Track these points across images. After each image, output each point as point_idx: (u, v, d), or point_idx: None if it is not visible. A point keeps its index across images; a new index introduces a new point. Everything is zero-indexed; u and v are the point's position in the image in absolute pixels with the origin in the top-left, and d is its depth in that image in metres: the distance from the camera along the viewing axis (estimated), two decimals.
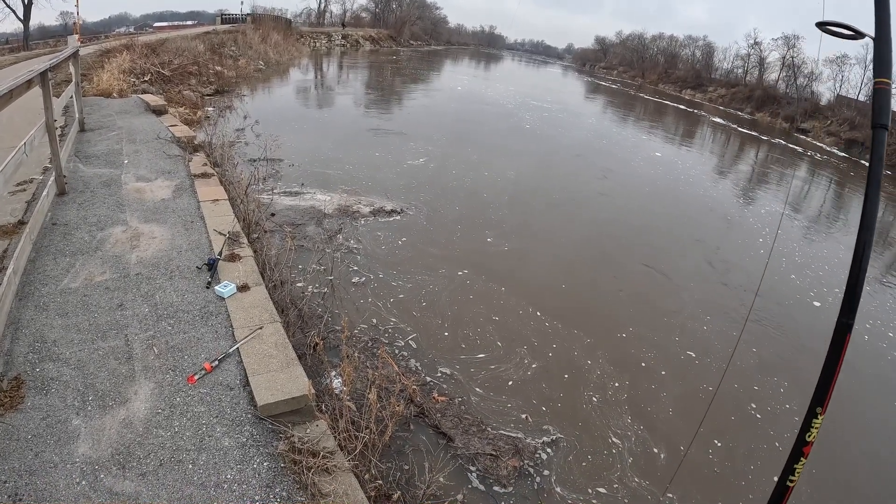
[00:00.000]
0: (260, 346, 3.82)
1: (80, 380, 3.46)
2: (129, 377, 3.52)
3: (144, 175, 7.24)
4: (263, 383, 3.45)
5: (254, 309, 4.29)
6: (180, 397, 3.39)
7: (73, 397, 3.32)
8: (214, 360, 3.63)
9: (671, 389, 5.52)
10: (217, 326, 4.09)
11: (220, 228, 5.66)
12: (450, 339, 5.80)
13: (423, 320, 6.05)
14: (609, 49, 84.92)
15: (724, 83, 53.54)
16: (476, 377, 5.25)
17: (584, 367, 5.69)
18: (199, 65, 19.55)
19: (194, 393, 3.43)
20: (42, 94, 5.89)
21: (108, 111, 10.86)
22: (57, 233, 5.38)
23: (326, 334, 5.14)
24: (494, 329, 6.09)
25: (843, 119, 33.75)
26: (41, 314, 4.07)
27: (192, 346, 3.85)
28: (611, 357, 5.90)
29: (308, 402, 3.40)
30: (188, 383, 3.48)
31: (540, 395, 5.17)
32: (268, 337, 3.92)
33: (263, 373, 3.55)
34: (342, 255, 7.24)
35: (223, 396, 3.42)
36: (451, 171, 12.35)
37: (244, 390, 3.47)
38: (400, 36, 74.84)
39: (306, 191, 9.42)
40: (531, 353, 5.78)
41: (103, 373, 3.53)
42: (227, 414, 3.30)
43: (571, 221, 10.42)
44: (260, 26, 37.19)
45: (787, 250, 10.40)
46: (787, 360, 6.43)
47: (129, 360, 3.66)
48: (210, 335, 3.98)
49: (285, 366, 3.63)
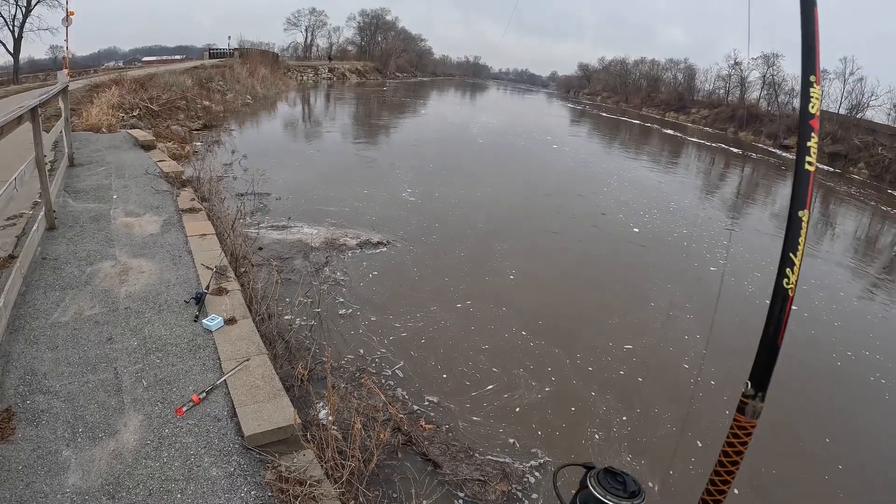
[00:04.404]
0: (247, 378, 3.92)
1: (70, 412, 3.54)
2: (118, 409, 3.60)
3: (133, 210, 7.36)
4: (251, 414, 3.54)
5: (241, 341, 4.40)
6: (169, 429, 3.47)
7: (63, 429, 3.40)
8: (202, 392, 3.73)
9: (658, 406, 5.65)
10: (205, 359, 4.18)
11: (207, 263, 5.77)
12: (436, 367, 5.91)
13: (409, 350, 6.17)
14: (592, 75, 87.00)
15: (706, 104, 54.93)
16: (463, 404, 5.35)
17: (574, 390, 5.82)
18: (188, 99, 19.83)
19: (182, 424, 3.51)
20: (32, 129, 6.04)
21: (97, 146, 11.01)
22: (47, 267, 5.47)
23: (314, 366, 5.23)
24: (482, 357, 6.22)
25: (825, 133, 34.56)
26: (31, 347, 4.15)
27: (181, 378, 3.94)
28: (599, 381, 6.04)
29: (295, 431, 3.49)
30: (176, 415, 3.57)
31: (528, 419, 5.27)
32: (255, 369, 4.03)
33: (251, 403, 3.65)
34: (329, 287, 7.37)
35: (211, 427, 3.51)
36: (437, 203, 12.58)
37: (231, 421, 3.56)
38: (386, 68, 76.18)
39: (293, 224, 9.57)
40: (522, 379, 5.89)
41: (93, 405, 3.61)
42: (215, 444, 3.39)
43: (558, 243, 10.68)
44: (247, 61, 37.78)
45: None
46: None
47: (119, 393, 3.74)
48: (198, 368, 4.07)
49: (272, 396, 3.73)
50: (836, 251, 13.73)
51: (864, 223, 18.81)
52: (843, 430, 5.92)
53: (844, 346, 7.70)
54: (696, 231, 12.83)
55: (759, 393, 1.26)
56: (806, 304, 8.88)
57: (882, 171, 28.96)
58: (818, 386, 6.75)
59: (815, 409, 6.26)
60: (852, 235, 16.61)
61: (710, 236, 12.70)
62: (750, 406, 1.25)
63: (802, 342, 7.50)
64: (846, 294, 10.24)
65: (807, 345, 7.55)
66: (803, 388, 6.50)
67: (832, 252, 13.54)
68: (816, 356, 7.34)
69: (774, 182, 23.97)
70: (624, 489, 1.49)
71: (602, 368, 6.34)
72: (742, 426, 1.23)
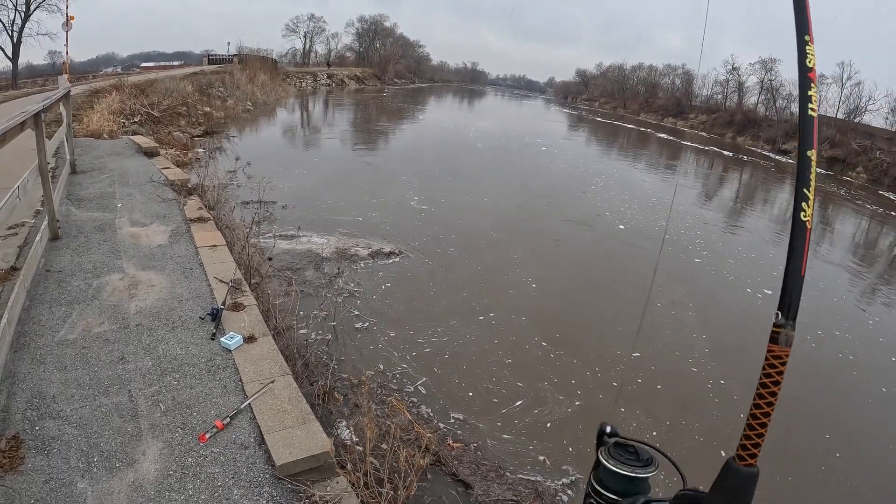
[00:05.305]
0: (273, 402, 3.67)
1: (83, 439, 3.28)
2: (135, 436, 3.34)
3: (139, 219, 7.11)
4: (280, 441, 3.29)
5: (263, 361, 4.14)
6: (192, 457, 3.21)
7: (76, 458, 3.14)
8: (226, 418, 3.47)
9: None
10: (226, 380, 3.93)
11: (220, 276, 5.52)
12: (460, 382, 5.68)
13: (430, 364, 5.94)
14: (590, 81, 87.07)
15: (704, 109, 55.04)
16: (494, 422, 5.15)
17: (601, 405, 5.62)
18: (188, 105, 19.61)
19: (207, 452, 3.26)
20: (35, 135, 5.79)
21: (100, 152, 10.76)
22: (52, 280, 5.21)
23: (334, 383, 4.99)
24: (506, 371, 6.00)
25: (823, 138, 34.66)
26: (38, 367, 3.89)
27: (201, 401, 3.68)
28: (630, 397, 5.87)
29: (329, 458, 3.25)
30: (199, 442, 3.31)
31: (558, 435, 5.08)
32: (280, 391, 3.77)
33: (279, 429, 3.40)
34: (343, 299, 7.12)
35: (238, 456, 3.25)
36: (444, 210, 12.43)
37: (260, 448, 3.31)
38: (384, 74, 76.17)
39: (302, 233, 9.35)
40: (549, 393, 5.71)
41: (108, 431, 3.35)
42: (244, 475, 3.13)
43: (559, 246, 10.60)
44: (247, 67, 37.57)
45: None
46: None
47: (135, 418, 3.49)
48: (219, 390, 3.82)
49: (301, 422, 3.48)
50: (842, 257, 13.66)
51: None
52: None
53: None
54: (683, 229, 12.75)
55: (790, 321, 1.29)
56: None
57: (880, 174, 28.94)
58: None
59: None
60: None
61: (696, 233, 12.69)
62: (783, 335, 1.29)
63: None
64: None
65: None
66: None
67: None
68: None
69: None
70: (637, 458, 1.50)
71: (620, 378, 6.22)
72: (777, 355, 1.28)
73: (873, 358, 7.62)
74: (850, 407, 6.43)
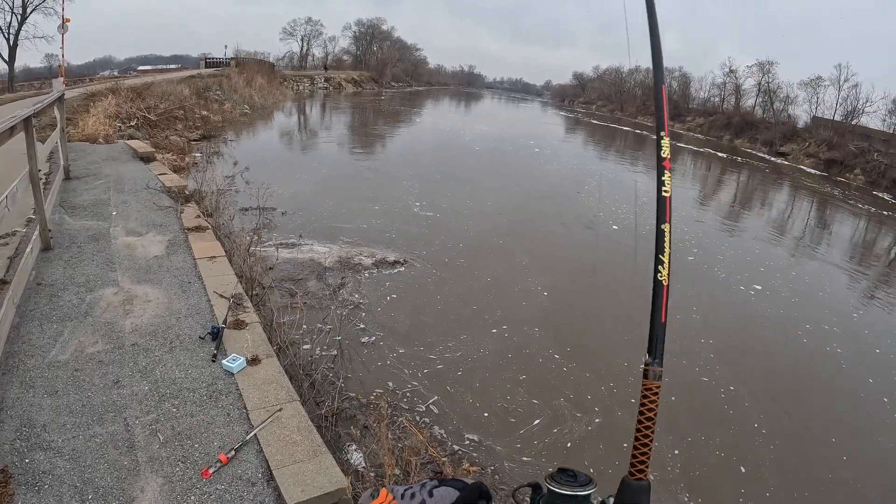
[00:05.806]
0: (280, 432, 3.39)
1: (76, 474, 3.00)
2: (132, 470, 3.06)
3: (135, 228, 6.82)
4: (291, 477, 3.01)
5: (268, 386, 3.85)
6: (195, 495, 2.93)
7: (69, 495, 2.86)
8: (230, 450, 3.19)
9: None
10: (229, 408, 3.64)
11: (220, 290, 5.23)
12: (474, 401, 5.42)
13: (442, 381, 5.67)
14: (587, 84, 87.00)
15: (701, 112, 54.93)
16: (510, 443, 4.90)
17: (621, 422, 5.37)
18: (185, 109, 19.31)
19: (211, 489, 2.97)
20: (26, 141, 5.51)
21: (94, 158, 10.47)
22: (42, 294, 4.92)
23: (342, 403, 4.72)
24: (521, 389, 5.75)
25: (821, 140, 34.58)
26: (28, 392, 3.60)
27: (203, 431, 3.40)
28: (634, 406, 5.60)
29: (345, 495, 2.98)
30: (202, 478, 3.03)
31: (577, 455, 4.86)
32: (288, 419, 3.49)
33: (289, 464, 3.12)
34: (348, 311, 6.84)
35: (245, 493, 2.97)
36: (447, 216, 12.19)
37: (269, 485, 3.03)
38: (381, 78, 76.03)
39: (303, 242, 9.07)
40: (565, 411, 5.46)
41: (102, 465, 3.07)
42: None
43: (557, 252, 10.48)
44: (244, 70, 37.33)
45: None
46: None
47: (132, 450, 3.21)
48: (222, 418, 3.53)
49: (312, 454, 3.20)
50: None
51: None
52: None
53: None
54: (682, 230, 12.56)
55: (657, 360, 1.55)
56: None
57: (878, 176, 28.85)
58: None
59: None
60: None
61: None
62: (651, 371, 1.54)
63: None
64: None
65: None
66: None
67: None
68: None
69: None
70: (576, 481, 1.62)
71: (636, 393, 5.94)
72: (649, 387, 1.53)
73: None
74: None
